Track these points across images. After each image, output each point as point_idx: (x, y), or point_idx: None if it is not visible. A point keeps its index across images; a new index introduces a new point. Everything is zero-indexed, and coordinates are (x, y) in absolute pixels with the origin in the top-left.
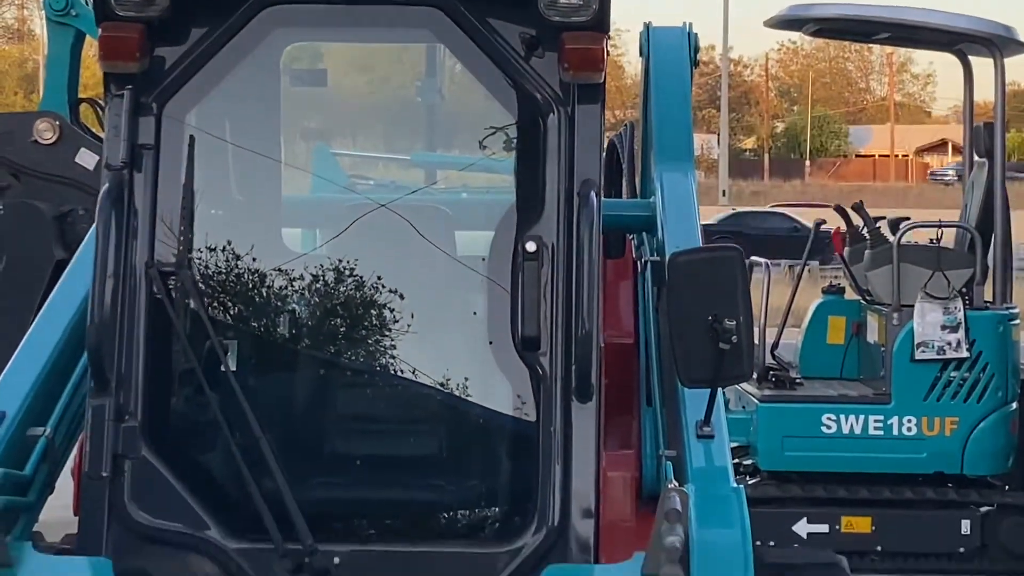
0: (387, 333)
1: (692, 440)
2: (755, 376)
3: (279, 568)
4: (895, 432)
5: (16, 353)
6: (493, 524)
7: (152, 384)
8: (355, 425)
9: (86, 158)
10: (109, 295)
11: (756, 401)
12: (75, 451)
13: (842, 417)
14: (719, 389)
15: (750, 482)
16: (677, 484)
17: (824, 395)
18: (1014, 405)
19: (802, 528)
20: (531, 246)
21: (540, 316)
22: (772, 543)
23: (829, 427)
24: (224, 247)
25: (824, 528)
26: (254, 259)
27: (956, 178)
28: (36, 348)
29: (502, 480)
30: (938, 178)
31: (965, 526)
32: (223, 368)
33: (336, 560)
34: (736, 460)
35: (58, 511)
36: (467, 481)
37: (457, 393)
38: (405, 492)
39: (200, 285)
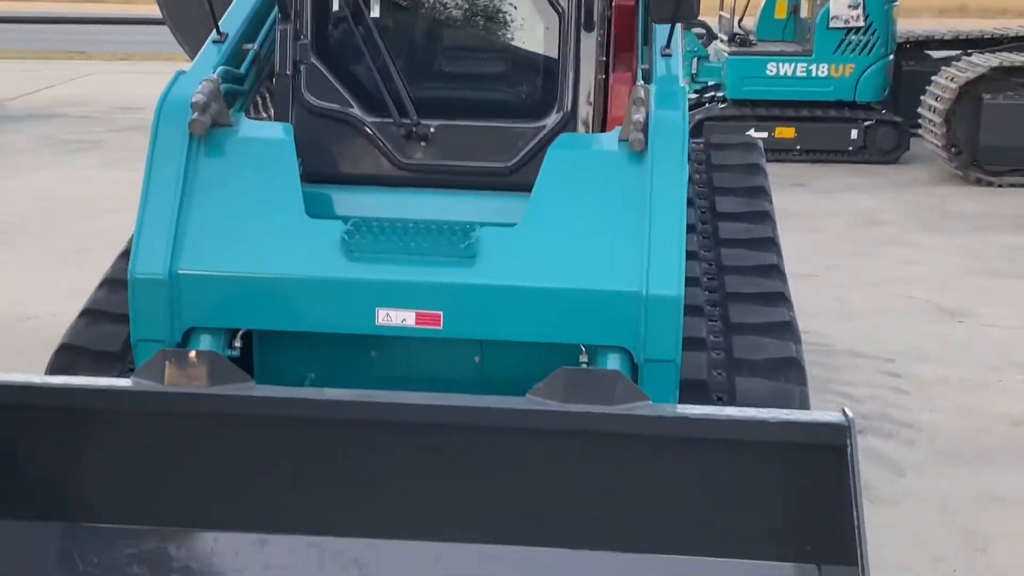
0: None
1: (658, 57)
2: (727, 39)
3: (395, 132)
4: (814, 75)
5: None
6: (529, 110)
7: (318, 18)
8: (446, 52)
9: None
10: None
11: (727, 55)
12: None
13: (781, 64)
14: (677, 24)
15: (720, 106)
16: (644, 83)
17: (770, 51)
18: (891, 57)
19: (752, 134)
20: None
21: None
22: None
23: (772, 71)
24: None
25: (764, 135)
26: None
27: None
28: None
29: (537, 84)
30: None
31: (854, 134)
32: (367, 12)
33: (432, 129)
34: (712, 92)
35: None
36: (516, 84)
37: (508, 25)
38: (477, 91)
39: None
